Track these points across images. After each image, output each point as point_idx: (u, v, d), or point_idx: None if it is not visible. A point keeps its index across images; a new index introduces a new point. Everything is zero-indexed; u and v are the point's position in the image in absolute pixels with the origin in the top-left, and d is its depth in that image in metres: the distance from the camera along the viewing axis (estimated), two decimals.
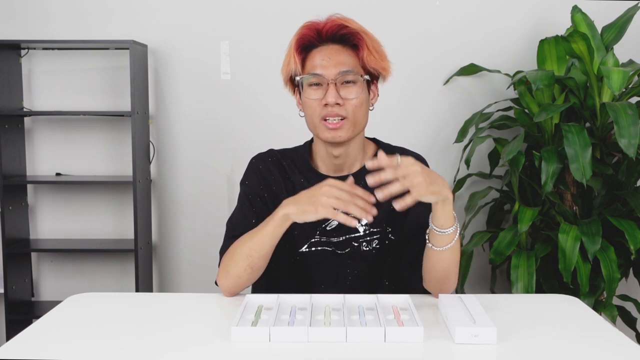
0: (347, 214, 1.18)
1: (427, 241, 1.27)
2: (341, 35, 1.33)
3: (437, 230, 1.23)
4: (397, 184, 1.13)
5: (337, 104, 1.30)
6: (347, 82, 1.31)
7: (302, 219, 1.22)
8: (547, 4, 2.73)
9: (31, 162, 2.82)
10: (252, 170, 1.45)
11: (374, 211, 1.18)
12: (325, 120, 1.32)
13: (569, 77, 2.28)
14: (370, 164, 1.16)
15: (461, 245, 2.54)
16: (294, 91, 1.41)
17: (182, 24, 2.76)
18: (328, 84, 1.30)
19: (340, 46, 1.33)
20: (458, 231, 1.25)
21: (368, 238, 1.40)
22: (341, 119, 1.31)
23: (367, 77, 1.34)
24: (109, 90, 2.79)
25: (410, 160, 1.16)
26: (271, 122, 2.78)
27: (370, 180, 1.14)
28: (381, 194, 1.13)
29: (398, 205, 1.14)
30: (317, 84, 1.32)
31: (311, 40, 1.33)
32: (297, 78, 1.34)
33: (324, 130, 1.32)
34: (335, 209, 1.17)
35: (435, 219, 1.23)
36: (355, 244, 1.40)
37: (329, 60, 1.31)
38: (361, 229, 1.40)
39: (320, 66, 1.31)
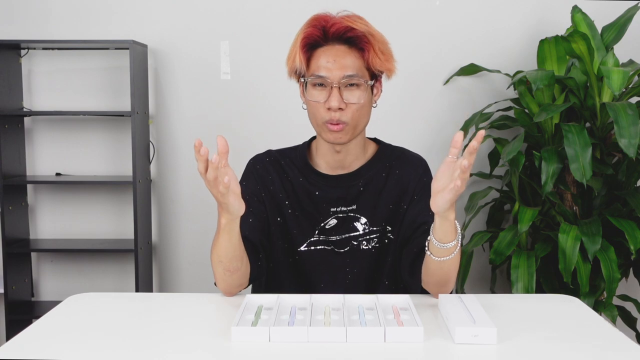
0: None
1: (427, 249, 1.24)
2: (347, 37, 1.32)
3: (436, 243, 1.20)
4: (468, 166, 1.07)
5: (340, 108, 1.30)
6: (351, 84, 1.31)
7: (234, 211, 1.19)
8: (547, 4, 2.73)
9: (31, 162, 2.82)
10: (249, 171, 1.46)
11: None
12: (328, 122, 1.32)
13: (569, 77, 2.28)
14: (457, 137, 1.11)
15: (463, 252, 2.55)
16: (298, 80, 1.40)
17: (182, 24, 2.76)
18: (332, 87, 1.30)
19: (346, 47, 1.32)
20: (459, 245, 1.21)
21: (367, 237, 1.40)
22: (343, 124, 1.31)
23: (371, 82, 1.33)
24: (109, 90, 2.79)
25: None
26: (272, 122, 2.78)
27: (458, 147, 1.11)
28: (466, 161, 1.06)
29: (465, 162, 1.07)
30: (320, 85, 1.32)
31: (317, 39, 1.33)
32: (302, 79, 1.34)
33: (327, 131, 1.33)
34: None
35: (435, 231, 1.20)
36: (355, 243, 1.40)
37: (333, 63, 1.31)
38: (360, 228, 1.40)
39: (325, 68, 1.31)
